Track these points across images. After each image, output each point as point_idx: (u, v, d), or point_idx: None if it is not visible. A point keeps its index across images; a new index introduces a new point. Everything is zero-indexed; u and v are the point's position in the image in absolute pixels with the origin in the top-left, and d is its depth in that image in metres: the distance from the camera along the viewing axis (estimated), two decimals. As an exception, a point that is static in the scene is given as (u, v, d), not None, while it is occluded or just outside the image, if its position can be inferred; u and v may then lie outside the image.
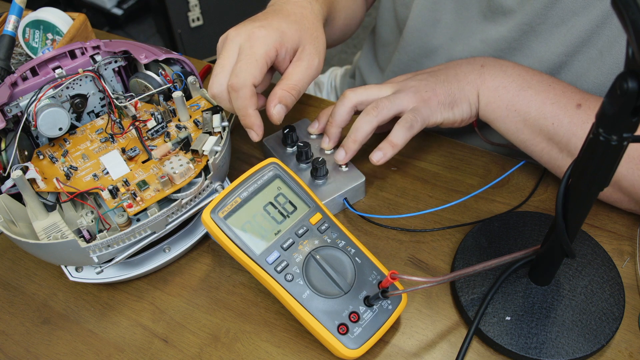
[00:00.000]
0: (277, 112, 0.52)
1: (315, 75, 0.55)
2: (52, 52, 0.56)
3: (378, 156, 0.55)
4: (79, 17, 0.71)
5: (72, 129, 0.57)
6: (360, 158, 0.59)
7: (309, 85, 0.55)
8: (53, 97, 0.55)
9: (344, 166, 0.58)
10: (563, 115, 0.52)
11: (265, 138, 0.63)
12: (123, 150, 0.54)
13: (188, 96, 0.59)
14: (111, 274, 0.52)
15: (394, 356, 0.47)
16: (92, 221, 0.50)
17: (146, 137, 0.55)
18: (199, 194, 0.52)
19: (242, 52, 0.51)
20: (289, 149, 0.61)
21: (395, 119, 0.56)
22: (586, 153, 0.35)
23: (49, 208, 0.52)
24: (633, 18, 0.26)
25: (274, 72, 0.57)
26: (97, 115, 0.60)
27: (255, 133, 0.53)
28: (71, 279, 0.51)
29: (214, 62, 0.57)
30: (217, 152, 0.52)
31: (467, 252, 0.52)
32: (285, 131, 0.60)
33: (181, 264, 0.55)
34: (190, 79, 0.58)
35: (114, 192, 0.50)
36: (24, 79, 0.55)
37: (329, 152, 0.60)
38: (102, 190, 0.50)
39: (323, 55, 0.56)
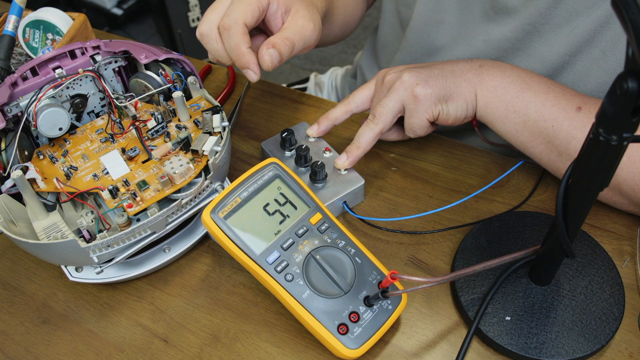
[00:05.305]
0: (269, 54, 0.49)
1: (308, 41, 0.53)
2: (52, 52, 0.56)
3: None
4: (79, 17, 0.71)
5: (72, 129, 0.57)
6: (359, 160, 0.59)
7: (301, 48, 0.53)
8: (53, 97, 0.55)
9: (343, 169, 0.58)
10: (563, 118, 0.52)
11: (264, 142, 0.62)
12: (123, 150, 0.54)
13: (188, 96, 0.59)
14: (111, 274, 0.52)
15: (394, 356, 0.47)
16: (92, 221, 0.50)
17: (146, 137, 0.55)
18: (199, 194, 0.52)
19: None
20: (288, 153, 0.60)
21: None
22: (586, 153, 0.35)
23: (49, 208, 0.52)
24: (633, 18, 0.26)
25: (265, 38, 0.55)
26: (97, 115, 0.60)
27: (253, 72, 0.50)
28: (71, 279, 0.51)
29: (214, 62, 0.57)
30: (217, 152, 0.52)
31: (467, 252, 0.52)
32: (283, 134, 0.60)
33: (181, 264, 0.55)
34: (190, 79, 0.58)
35: (114, 192, 0.50)
36: (24, 79, 0.55)
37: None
38: (102, 190, 0.50)
39: (318, 24, 0.54)
